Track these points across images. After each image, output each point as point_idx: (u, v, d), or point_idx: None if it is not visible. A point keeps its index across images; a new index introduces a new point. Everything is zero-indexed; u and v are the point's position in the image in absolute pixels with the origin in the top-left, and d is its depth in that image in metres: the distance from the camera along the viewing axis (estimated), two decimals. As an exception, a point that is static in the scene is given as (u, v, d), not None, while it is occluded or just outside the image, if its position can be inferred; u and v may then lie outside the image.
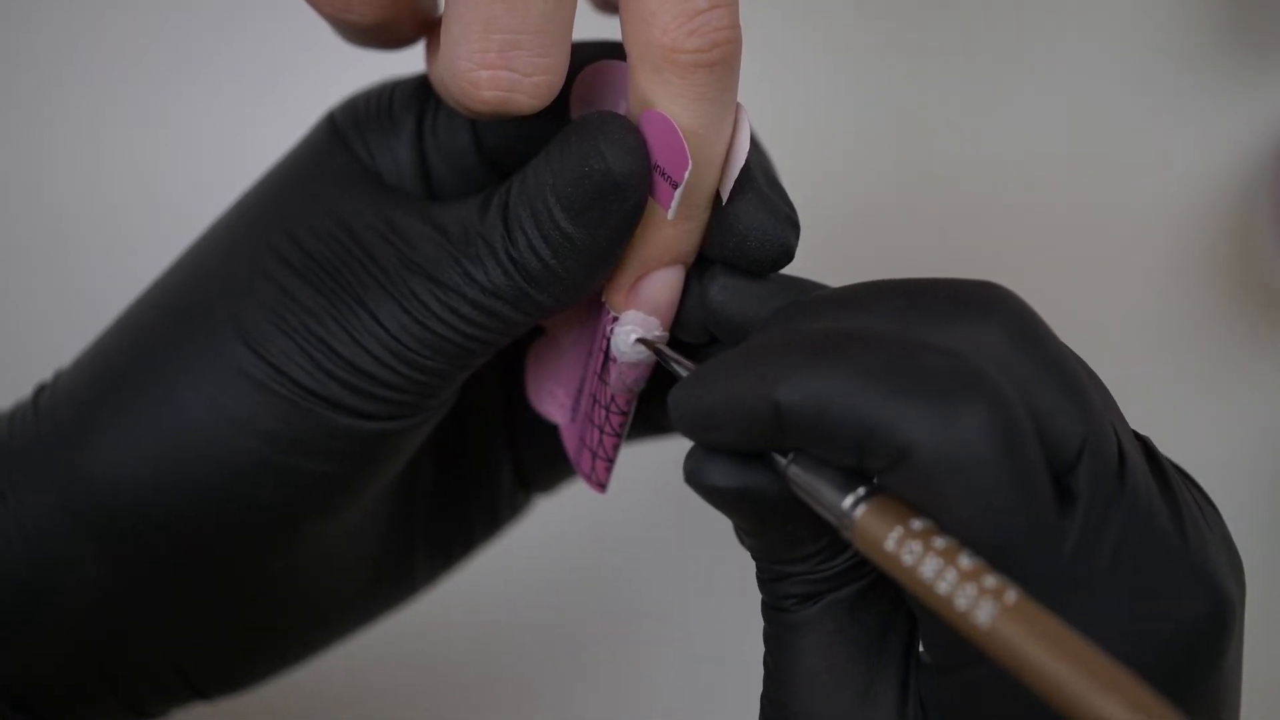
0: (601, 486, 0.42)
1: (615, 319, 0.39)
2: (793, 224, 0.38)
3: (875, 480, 0.32)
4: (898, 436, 0.31)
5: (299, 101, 0.50)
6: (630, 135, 0.36)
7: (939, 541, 0.31)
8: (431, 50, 0.40)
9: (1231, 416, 0.68)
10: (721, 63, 0.36)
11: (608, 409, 0.40)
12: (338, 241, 0.39)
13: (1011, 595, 0.29)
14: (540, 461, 0.46)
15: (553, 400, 0.43)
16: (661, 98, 0.36)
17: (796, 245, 0.38)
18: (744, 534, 0.36)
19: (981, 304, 0.34)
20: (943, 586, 0.30)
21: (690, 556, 0.66)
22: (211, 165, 0.65)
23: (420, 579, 0.46)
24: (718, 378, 0.34)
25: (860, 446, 0.32)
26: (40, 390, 0.41)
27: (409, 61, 0.43)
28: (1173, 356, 0.70)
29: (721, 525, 0.67)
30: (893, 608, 0.35)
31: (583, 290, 0.38)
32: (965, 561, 0.30)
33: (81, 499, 0.39)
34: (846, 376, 0.32)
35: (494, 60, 0.36)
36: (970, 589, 0.30)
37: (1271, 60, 0.71)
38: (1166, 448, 0.35)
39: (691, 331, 0.39)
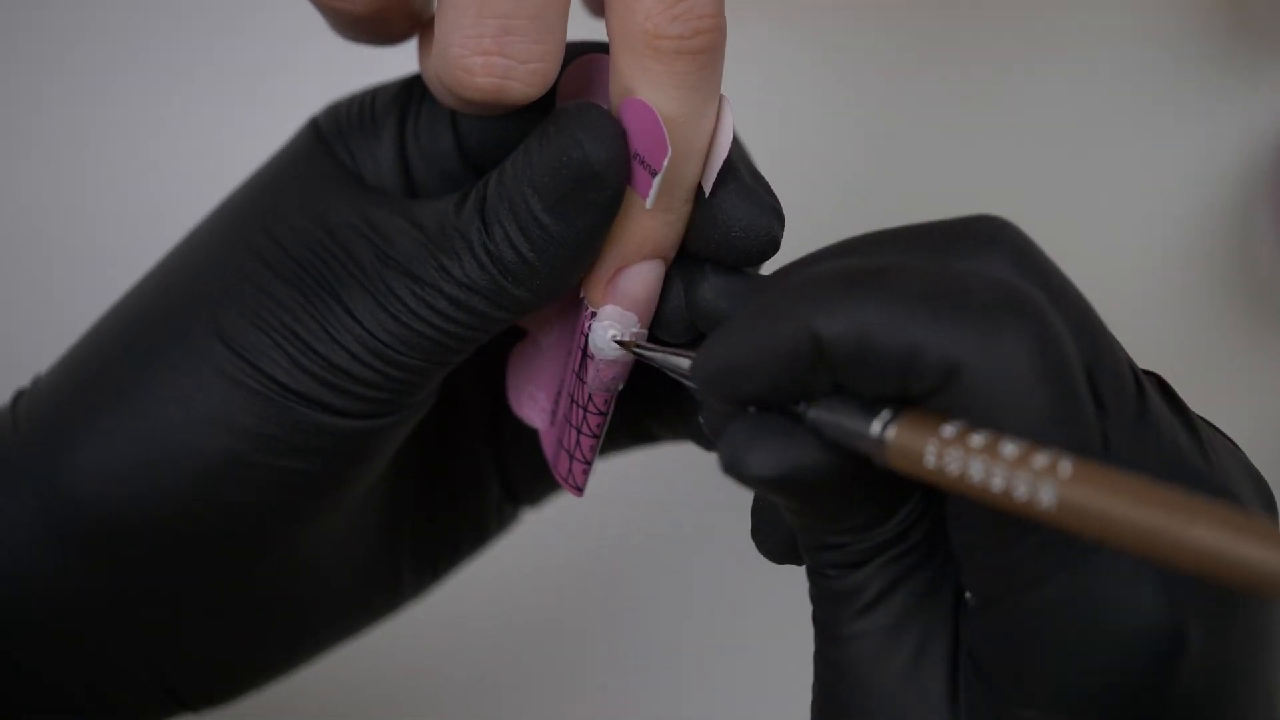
0: (578, 490, 0.41)
1: (593, 315, 0.38)
2: (777, 214, 0.37)
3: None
4: (946, 356, 0.31)
5: (283, 106, 0.50)
6: (608, 123, 0.36)
7: (976, 439, 0.30)
8: (424, 46, 0.40)
9: (1231, 417, 0.68)
10: (704, 51, 0.36)
11: (585, 409, 0.40)
12: (316, 240, 0.38)
13: (1066, 466, 0.29)
14: (527, 475, 0.46)
15: (533, 404, 0.42)
16: (642, 85, 0.36)
17: (782, 235, 0.38)
18: (787, 512, 0.35)
19: (983, 236, 0.33)
20: (996, 484, 0.29)
21: (682, 557, 0.66)
22: (192, 173, 0.65)
23: (407, 591, 0.45)
24: (747, 325, 0.33)
25: (905, 370, 0.31)
26: (19, 396, 0.41)
27: (398, 62, 0.43)
28: (1172, 356, 0.69)
29: (716, 527, 0.67)
30: (942, 566, 0.34)
31: (560, 284, 0.38)
32: (1009, 450, 0.29)
33: (57, 501, 0.39)
34: (888, 301, 0.31)
35: (488, 46, 0.36)
36: (1024, 475, 0.29)
37: (1271, 60, 0.71)
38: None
39: (673, 331, 0.39)
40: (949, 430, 0.30)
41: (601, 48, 0.39)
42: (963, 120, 0.70)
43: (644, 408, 0.44)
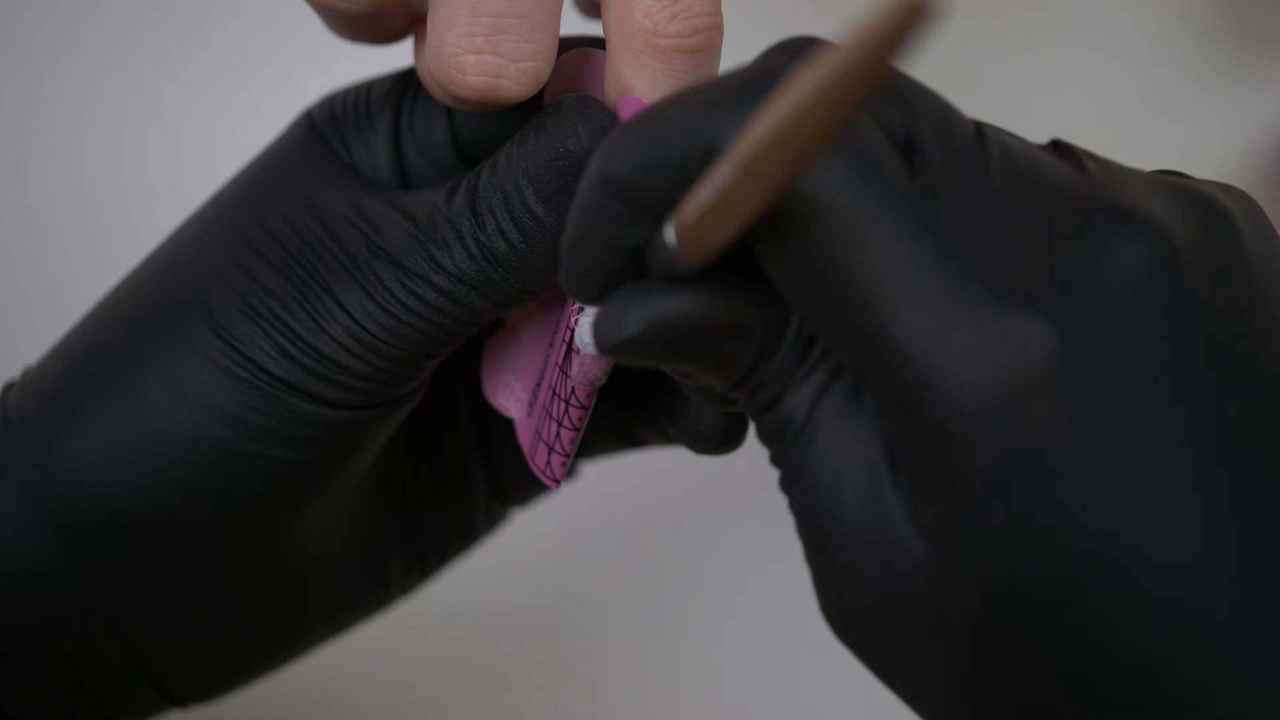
0: (555, 482, 0.41)
1: (580, 309, 0.38)
2: None
3: None
4: (704, 140, 0.31)
5: (277, 101, 0.50)
6: (607, 118, 0.36)
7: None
8: (419, 43, 0.40)
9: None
10: (702, 49, 0.36)
11: (567, 402, 0.39)
12: (309, 230, 0.38)
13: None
14: (514, 473, 0.46)
15: (509, 394, 0.42)
16: (640, 83, 0.36)
17: None
18: (700, 376, 0.35)
19: (775, 49, 0.33)
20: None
21: (673, 560, 0.66)
22: (184, 166, 0.65)
23: (396, 588, 0.45)
24: (571, 213, 0.34)
25: (682, 171, 0.31)
26: (9, 388, 0.41)
27: (390, 62, 0.43)
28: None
29: (712, 522, 0.66)
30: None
31: (550, 277, 0.38)
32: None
33: (47, 493, 0.39)
34: (655, 120, 0.32)
35: (480, 44, 0.36)
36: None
37: (1271, 60, 0.70)
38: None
39: None
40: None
41: (591, 42, 0.39)
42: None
43: (631, 412, 0.44)
